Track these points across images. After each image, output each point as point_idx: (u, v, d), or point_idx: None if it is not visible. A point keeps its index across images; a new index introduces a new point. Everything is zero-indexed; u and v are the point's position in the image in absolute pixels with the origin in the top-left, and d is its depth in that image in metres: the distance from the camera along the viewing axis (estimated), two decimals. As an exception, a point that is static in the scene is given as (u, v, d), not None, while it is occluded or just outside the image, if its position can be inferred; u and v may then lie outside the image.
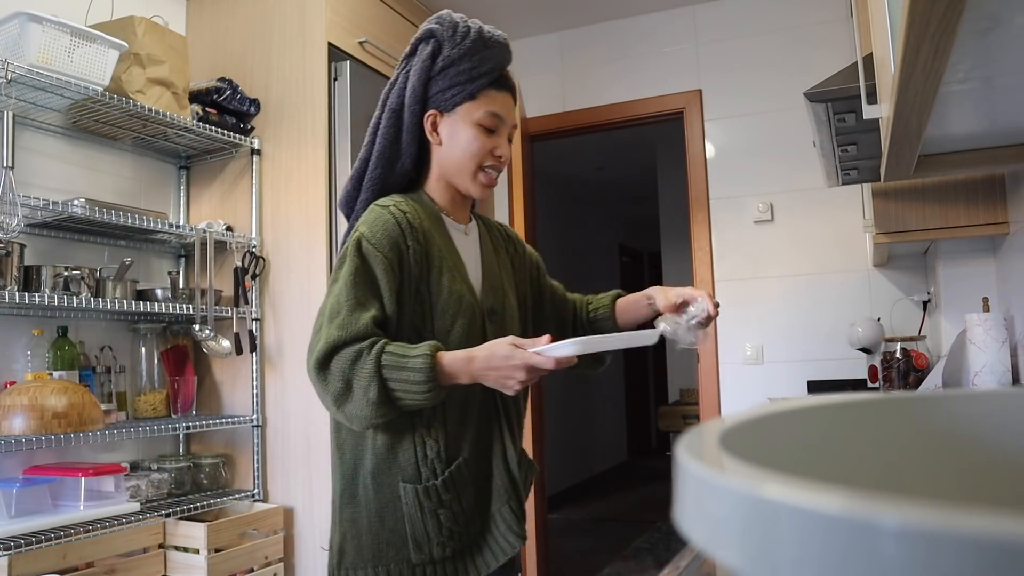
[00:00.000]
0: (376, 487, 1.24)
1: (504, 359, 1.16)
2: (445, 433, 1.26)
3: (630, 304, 1.55)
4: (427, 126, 1.34)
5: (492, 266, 1.42)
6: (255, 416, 2.60)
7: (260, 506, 2.53)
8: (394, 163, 1.35)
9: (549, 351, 1.16)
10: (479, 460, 1.31)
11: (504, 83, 1.37)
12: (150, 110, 2.32)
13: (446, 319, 1.28)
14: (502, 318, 1.37)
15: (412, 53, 1.35)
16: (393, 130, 1.33)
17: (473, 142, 1.32)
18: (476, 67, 1.32)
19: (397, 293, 1.24)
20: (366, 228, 1.25)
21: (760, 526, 0.20)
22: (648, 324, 1.41)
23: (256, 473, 2.59)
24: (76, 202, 2.13)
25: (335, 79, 2.63)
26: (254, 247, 2.65)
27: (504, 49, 1.37)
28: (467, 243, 1.40)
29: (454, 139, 1.33)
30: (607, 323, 1.56)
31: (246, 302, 2.61)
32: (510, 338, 1.19)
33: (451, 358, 1.18)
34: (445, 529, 1.24)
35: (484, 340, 1.30)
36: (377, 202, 1.30)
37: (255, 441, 2.60)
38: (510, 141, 1.38)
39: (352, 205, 1.38)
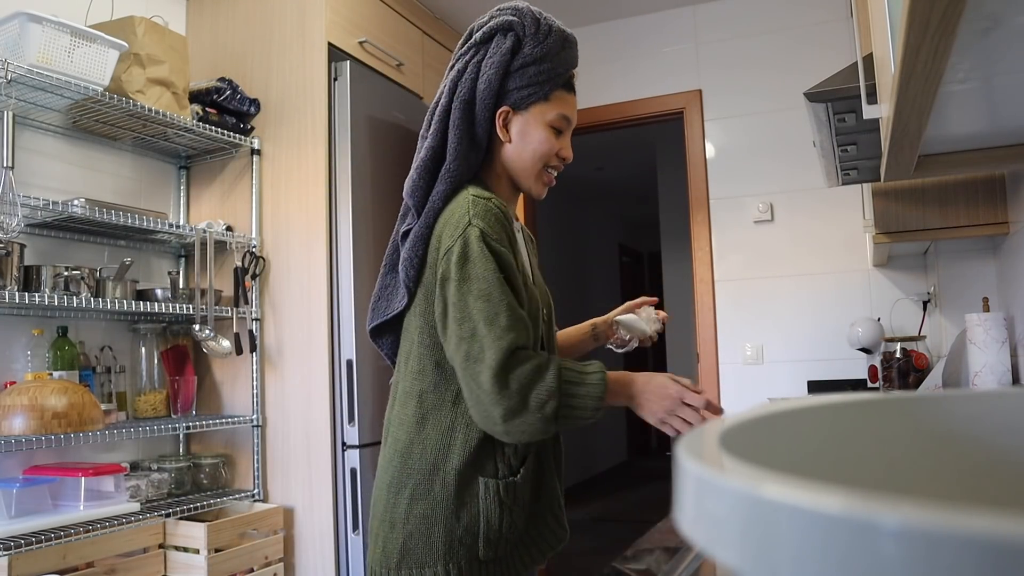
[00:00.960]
0: (459, 483, 1.22)
1: (671, 400, 1.19)
2: None
3: (572, 337, 1.58)
4: (498, 122, 1.30)
5: (536, 267, 1.42)
6: (255, 416, 2.60)
7: (260, 506, 2.53)
8: (470, 157, 1.31)
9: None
10: (539, 458, 1.32)
11: (573, 85, 1.35)
12: (150, 110, 2.32)
13: (535, 322, 1.27)
14: (550, 324, 1.37)
15: (485, 41, 1.30)
16: (466, 123, 1.29)
17: (544, 143, 1.31)
18: (554, 68, 1.30)
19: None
20: (482, 222, 1.21)
21: (760, 526, 0.20)
22: (589, 356, 1.49)
23: (256, 473, 2.59)
24: (76, 202, 2.13)
25: (335, 79, 2.63)
26: (254, 247, 2.65)
27: (576, 50, 1.36)
28: (523, 243, 1.38)
29: (525, 138, 1.31)
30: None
31: (246, 302, 2.61)
32: (667, 374, 1.24)
33: (615, 378, 1.21)
34: (517, 526, 1.25)
35: (551, 344, 1.34)
36: (475, 194, 1.25)
37: (255, 441, 2.60)
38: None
39: (423, 196, 1.31)
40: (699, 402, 1.18)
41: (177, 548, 2.28)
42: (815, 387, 3.26)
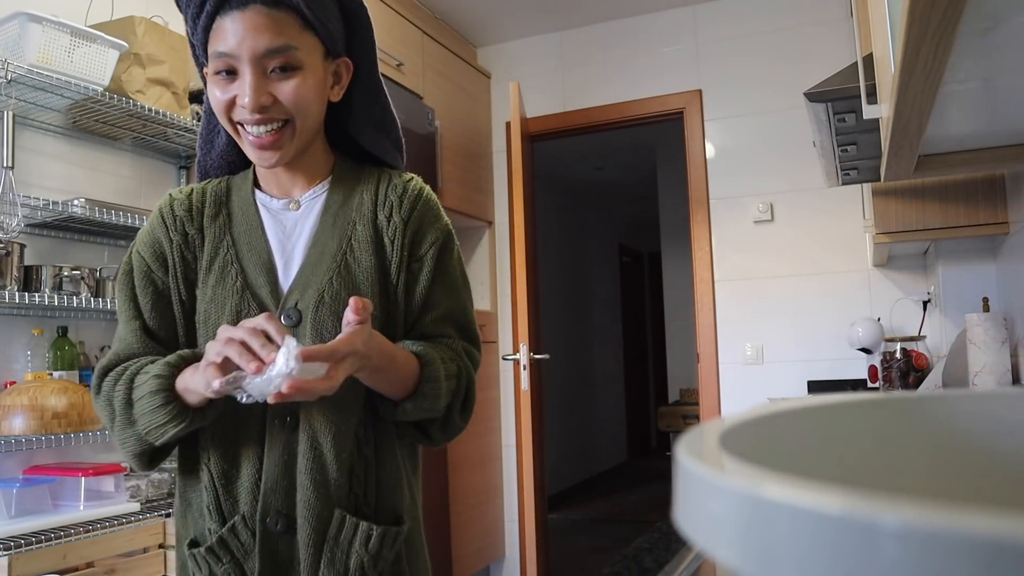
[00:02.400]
0: (181, 560, 1.03)
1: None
2: (214, 487, 1.00)
3: None
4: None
5: (324, 249, 1.04)
6: (255, 416, 2.60)
7: (260, 506, 2.53)
8: (213, 140, 1.11)
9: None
10: (287, 521, 0.99)
11: (221, 5, 0.96)
12: (150, 110, 2.32)
13: (208, 334, 1.01)
14: (309, 323, 0.99)
15: None
16: (207, 105, 1.05)
17: (213, 102, 0.99)
18: (192, 2, 0.98)
19: (161, 307, 1.04)
20: (146, 226, 1.08)
21: (760, 526, 0.20)
22: None
23: (256, 473, 2.59)
24: (76, 202, 2.13)
25: (335, 79, 2.62)
26: (254, 247, 2.65)
27: None
28: (290, 221, 1.07)
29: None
30: None
31: (246, 302, 2.61)
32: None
33: (182, 377, 0.94)
34: None
35: None
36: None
37: (255, 441, 2.60)
38: (288, 71, 0.97)
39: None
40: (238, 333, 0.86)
41: (177, 548, 2.28)
42: (815, 387, 3.26)
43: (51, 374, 2.18)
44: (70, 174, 2.42)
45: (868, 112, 1.42)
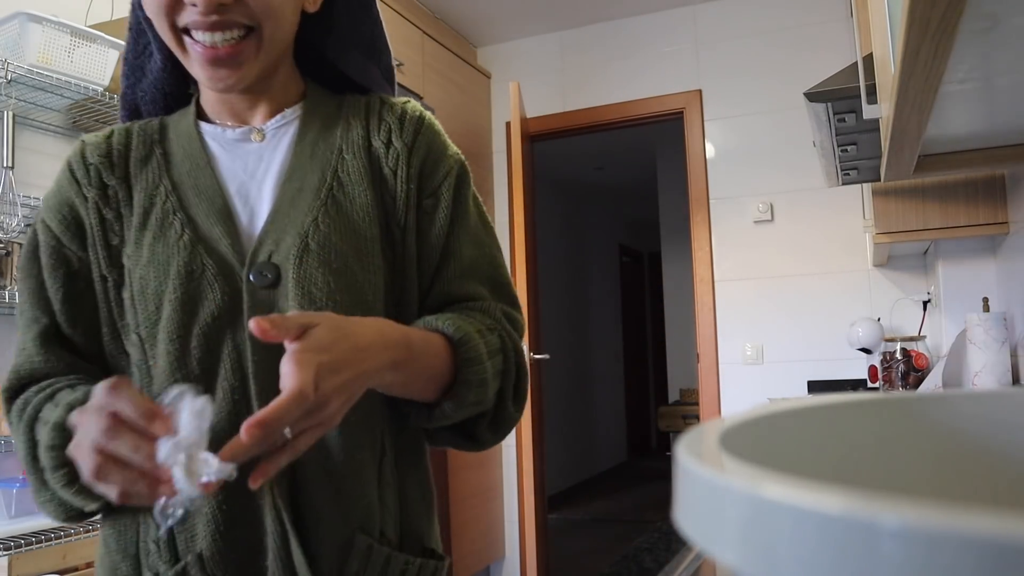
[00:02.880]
0: None
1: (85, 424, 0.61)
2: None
3: None
4: None
5: (303, 185, 0.80)
6: (255, 416, 2.60)
7: (260, 506, 2.53)
8: (143, 65, 0.86)
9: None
10: (248, 557, 0.73)
11: None
12: (150, 110, 2.32)
13: (147, 308, 0.75)
14: (292, 281, 0.75)
15: None
16: (134, 19, 0.85)
17: (148, 4, 0.75)
18: None
19: (76, 295, 0.78)
20: (48, 192, 0.83)
21: (760, 526, 0.20)
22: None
23: (256, 473, 2.59)
24: (76, 202, 2.13)
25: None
26: (254, 247, 2.65)
27: None
28: (251, 156, 0.82)
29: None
30: None
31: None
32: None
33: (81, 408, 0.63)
34: None
35: (243, 381, 0.73)
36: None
37: (255, 441, 2.60)
38: None
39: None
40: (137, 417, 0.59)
41: (177, 548, 2.28)
42: (815, 387, 3.26)
43: (51, 374, 2.18)
44: (70, 174, 2.42)
45: (868, 112, 1.42)
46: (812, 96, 1.58)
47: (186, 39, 0.75)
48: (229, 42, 0.74)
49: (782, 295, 3.37)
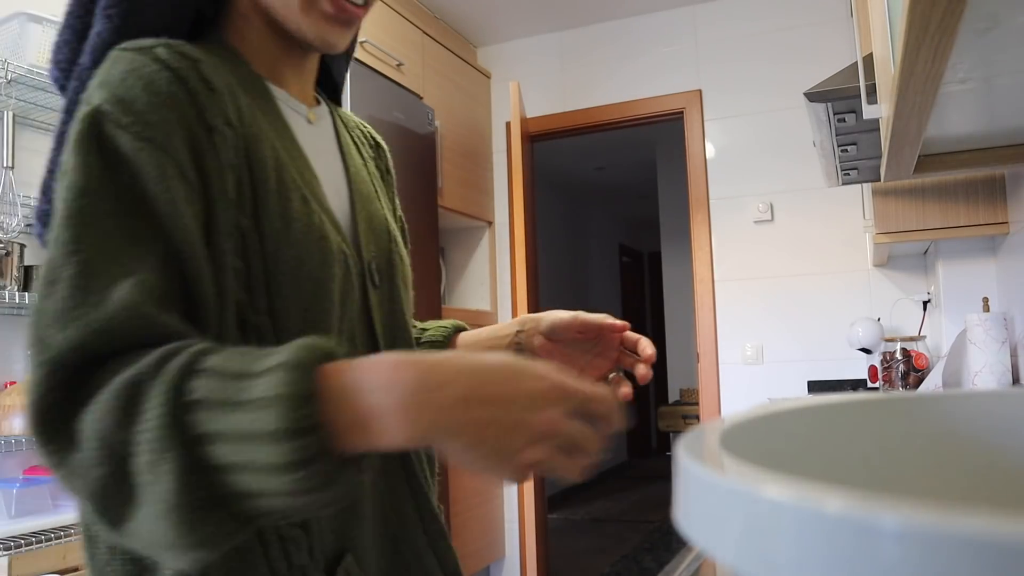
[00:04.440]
0: None
1: (516, 375, 0.49)
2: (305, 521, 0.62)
3: (481, 340, 0.87)
4: None
5: (365, 185, 0.78)
6: (255, 416, 2.60)
7: (260, 506, 2.53)
8: None
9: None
10: (390, 550, 0.71)
11: None
12: (150, 110, 2.32)
13: (298, 283, 0.63)
14: (391, 287, 0.76)
15: None
16: None
17: None
18: None
19: (204, 224, 0.59)
20: (105, 91, 0.58)
21: (760, 526, 0.20)
22: None
23: (256, 473, 2.59)
24: (76, 202, 2.13)
25: (335, 79, 2.63)
26: (254, 247, 2.65)
27: None
28: (316, 139, 0.75)
29: None
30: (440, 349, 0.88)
31: (246, 302, 2.61)
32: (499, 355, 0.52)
33: (356, 373, 0.48)
34: None
35: (370, 331, 0.71)
36: (123, 45, 0.61)
37: (255, 441, 2.60)
38: None
39: (66, 62, 0.68)
40: (605, 405, 0.51)
41: (177, 548, 2.28)
42: (815, 387, 3.26)
43: (51, 374, 2.18)
44: (70, 174, 2.42)
45: (868, 112, 1.42)
46: (812, 96, 1.58)
47: None
48: (360, 6, 0.70)
49: (782, 295, 3.37)
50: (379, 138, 0.90)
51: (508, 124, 3.87)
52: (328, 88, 0.86)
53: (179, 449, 0.46)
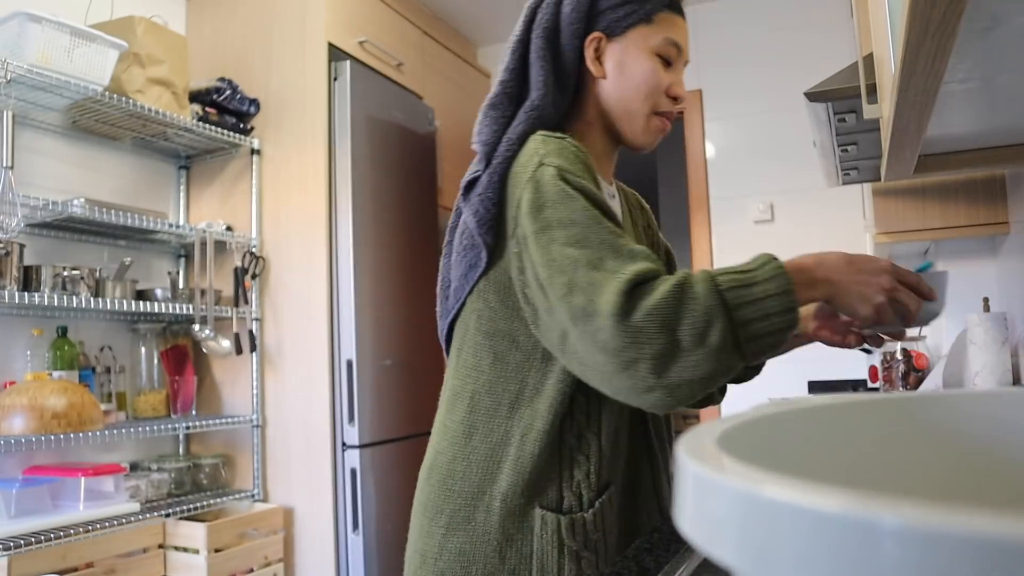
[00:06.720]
0: (505, 512, 0.93)
1: (871, 267, 0.86)
2: (599, 449, 0.96)
3: None
4: (589, 53, 1.03)
5: (638, 239, 1.14)
6: (255, 416, 2.60)
7: (260, 506, 2.53)
8: (557, 94, 1.03)
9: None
10: (628, 491, 1.03)
11: (680, 7, 1.06)
12: (150, 110, 2.32)
13: None
14: None
15: None
16: (551, 53, 1.02)
17: (650, 76, 1.02)
18: None
19: None
20: (558, 159, 0.93)
21: (760, 526, 0.20)
22: None
23: (256, 473, 2.59)
24: (76, 202, 2.13)
25: (335, 79, 2.63)
26: (254, 247, 2.65)
27: None
28: (618, 209, 1.10)
29: (624, 71, 1.02)
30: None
31: (246, 302, 2.61)
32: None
33: (794, 263, 0.85)
34: None
35: None
36: (545, 134, 0.98)
37: (255, 441, 2.60)
38: None
39: (493, 137, 1.01)
40: (913, 278, 0.88)
41: (177, 548, 2.28)
42: (815, 387, 3.26)
43: (51, 374, 2.17)
44: (70, 174, 2.42)
45: (868, 112, 1.42)
46: (812, 96, 1.58)
47: (654, 113, 1.04)
48: (669, 123, 1.06)
49: (782, 295, 3.37)
50: (643, 202, 1.24)
51: (508, 124, 3.87)
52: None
53: (722, 313, 0.79)
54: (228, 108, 2.61)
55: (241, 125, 2.66)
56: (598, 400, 0.95)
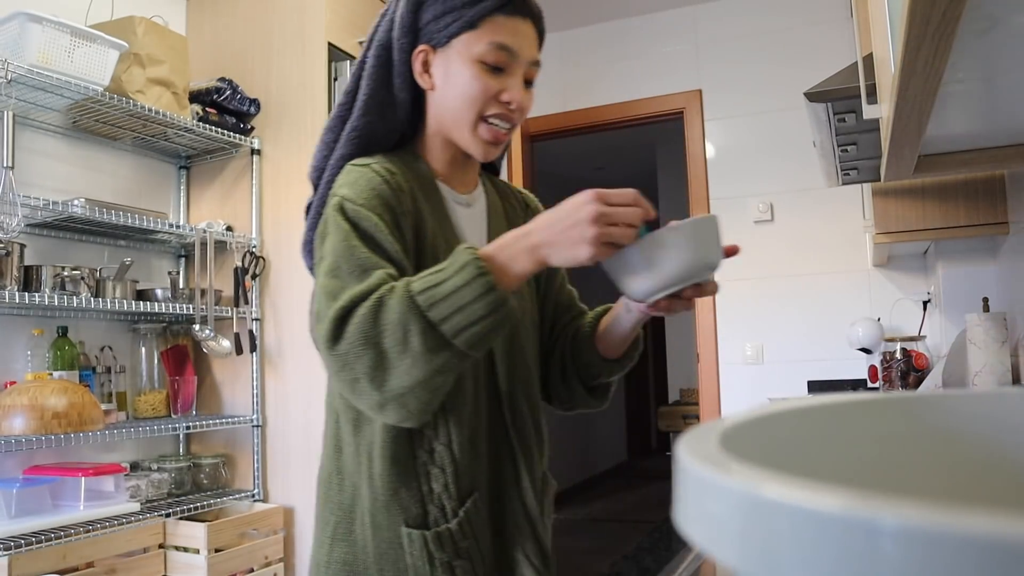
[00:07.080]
0: (375, 528, 0.95)
1: (571, 207, 0.86)
2: (453, 459, 0.95)
3: (604, 324, 1.13)
4: (416, 66, 1.02)
5: None
6: (255, 416, 2.60)
7: (260, 506, 2.53)
8: (385, 112, 1.03)
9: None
10: (495, 494, 1.03)
11: (520, 7, 1.01)
12: (150, 110, 2.32)
13: None
14: (514, 326, 1.05)
15: None
16: (382, 71, 1.03)
17: (472, 83, 0.99)
18: None
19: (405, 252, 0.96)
20: (347, 190, 0.95)
21: (760, 526, 0.20)
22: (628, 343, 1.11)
23: (256, 473, 2.59)
24: (76, 202, 2.13)
25: (335, 79, 2.63)
26: (254, 247, 2.65)
27: None
28: (470, 219, 1.08)
29: (449, 81, 1.00)
30: (588, 344, 1.12)
31: (246, 302, 2.61)
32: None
33: (496, 243, 0.88)
34: None
35: (490, 361, 1.02)
36: (353, 162, 1.00)
37: (255, 441, 2.60)
38: (529, 84, 1.05)
39: (319, 164, 1.07)
40: (627, 196, 0.87)
41: (177, 548, 2.28)
42: (815, 387, 3.26)
43: (51, 374, 2.17)
44: (70, 174, 2.42)
45: (868, 112, 1.42)
46: (812, 96, 1.58)
47: (483, 121, 1.01)
48: (507, 131, 1.03)
49: (782, 295, 3.37)
50: (530, 200, 1.23)
51: (508, 124, 3.87)
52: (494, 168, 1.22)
53: (416, 316, 0.81)
54: (228, 108, 2.61)
55: (241, 125, 2.66)
56: (443, 412, 0.95)
